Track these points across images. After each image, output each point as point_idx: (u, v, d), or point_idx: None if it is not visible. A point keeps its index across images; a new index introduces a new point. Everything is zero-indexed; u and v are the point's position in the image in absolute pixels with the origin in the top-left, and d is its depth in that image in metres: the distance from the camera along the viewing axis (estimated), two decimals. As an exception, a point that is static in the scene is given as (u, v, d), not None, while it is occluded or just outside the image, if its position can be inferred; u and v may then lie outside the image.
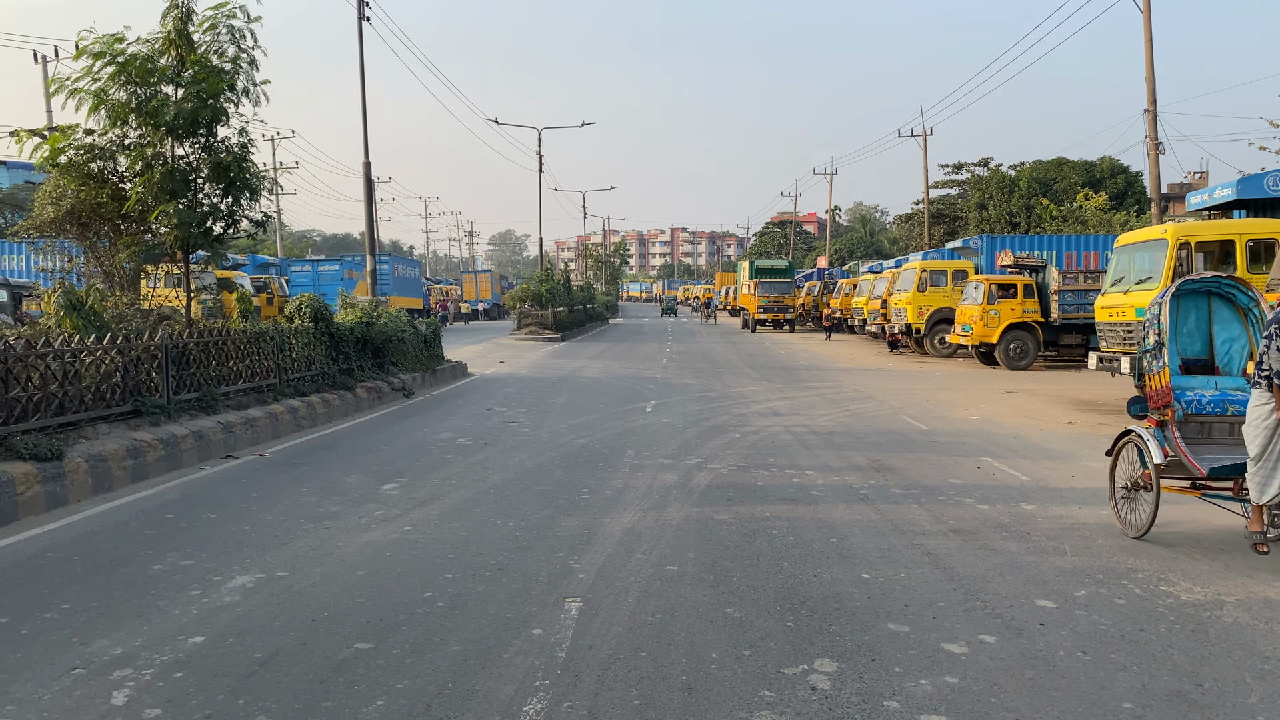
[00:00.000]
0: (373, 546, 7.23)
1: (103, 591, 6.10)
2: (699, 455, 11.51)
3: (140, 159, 11.77)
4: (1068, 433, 13.93)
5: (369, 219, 22.31)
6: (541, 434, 13.43)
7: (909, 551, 7.12)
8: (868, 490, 9.45)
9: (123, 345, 10.42)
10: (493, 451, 11.88)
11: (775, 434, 13.39)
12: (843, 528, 7.84)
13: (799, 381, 21.89)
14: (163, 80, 11.58)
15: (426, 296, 52.11)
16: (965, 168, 69.15)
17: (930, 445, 12.47)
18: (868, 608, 5.77)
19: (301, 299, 15.52)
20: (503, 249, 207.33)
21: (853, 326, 44.48)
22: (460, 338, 40.33)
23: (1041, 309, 26.51)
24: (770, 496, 9.09)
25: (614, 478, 10.09)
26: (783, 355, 31.47)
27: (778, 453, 11.74)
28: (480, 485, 9.70)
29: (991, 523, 8.08)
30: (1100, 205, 48.32)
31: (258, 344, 13.46)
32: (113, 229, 12.86)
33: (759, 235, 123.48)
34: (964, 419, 15.39)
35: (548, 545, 7.26)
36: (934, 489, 9.55)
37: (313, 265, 41.23)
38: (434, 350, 21.81)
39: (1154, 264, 15.98)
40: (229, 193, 12.40)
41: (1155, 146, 34.57)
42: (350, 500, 8.93)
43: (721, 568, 6.63)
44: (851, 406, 17.00)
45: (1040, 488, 9.71)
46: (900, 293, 33.00)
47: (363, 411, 15.96)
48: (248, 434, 12.08)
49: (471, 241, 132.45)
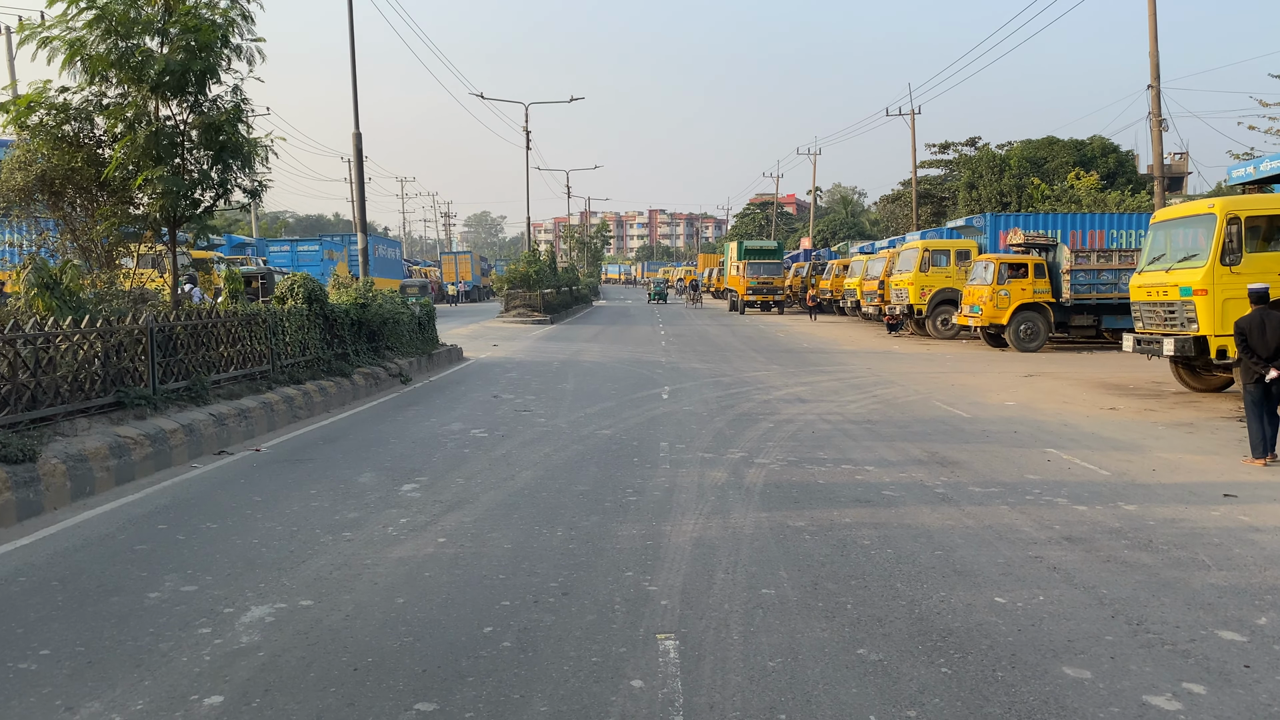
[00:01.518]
0: (407, 565, 6.19)
1: (90, 630, 5.03)
2: (740, 448, 10.53)
3: (121, 120, 10.51)
4: (1117, 420, 13.09)
5: (359, 194, 21.06)
6: (560, 424, 12.40)
7: (1031, 566, 6.17)
8: (944, 489, 8.50)
9: (104, 329, 9.26)
10: (513, 445, 10.83)
11: (811, 423, 12.43)
12: (940, 536, 6.88)
13: (810, 365, 20.96)
14: (147, 31, 10.33)
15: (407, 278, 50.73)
16: (952, 147, 68.38)
17: (982, 435, 11.57)
18: (1025, 644, 4.80)
19: (294, 278, 14.33)
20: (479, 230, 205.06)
21: (843, 308, 43.69)
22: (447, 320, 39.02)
23: (1052, 289, 25.72)
24: (840, 498, 8.12)
25: (656, 475, 9.08)
26: (781, 338, 30.54)
27: (824, 445, 10.77)
28: (511, 485, 8.66)
29: (1102, 528, 7.15)
30: (1092, 184, 47.67)
31: (249, 327, 12.30)
32: (89, 198, 11.58)
33: (739, 216, 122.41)
34: (1001, 405, 14.52)
35: (610, 561, 6.24)
36: (1015, 486, 8.63)
37: (291, 245, 39.82)
38: (429, 334, 20.67)
39: (1200, 240, 15.09)
40: (220, 158, 11.15)
41: (1159, 123, 33.86)
42: (369, 505, 7.86)
43: (826, 590, 5.64)
44: (877, 392, 16.08)
45: (1128, 484, 8.82)
46: (901, 273, 32.13)
47: (361, 400, 14.83)
48: (241, 426, 10.96)
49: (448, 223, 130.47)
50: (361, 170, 20.96)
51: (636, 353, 24.28)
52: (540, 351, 24.84)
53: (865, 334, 32.82)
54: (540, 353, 24.41)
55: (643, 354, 23.83)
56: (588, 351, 24.87)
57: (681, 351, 24.55)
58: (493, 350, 25.09)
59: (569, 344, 27.57)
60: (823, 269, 49.97)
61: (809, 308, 47.06)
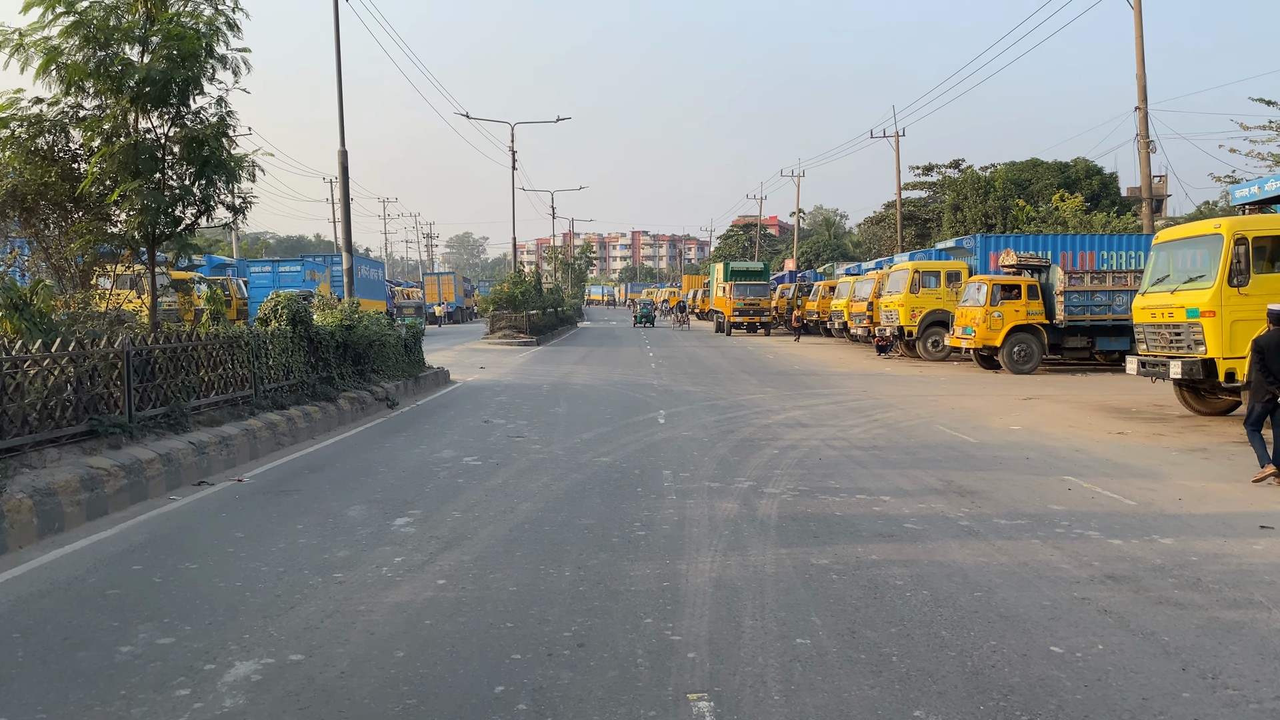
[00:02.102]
0: (405, 611, 5.68)
1: (54, 692, 4.50)
2: (746, 476, 10.07)
3: (98, 132, 9.97)
4: (1128, 444, 12.75)
5: (344, 213, 20.53)
6: (556, 451, 11.91)
7: (1079, 609, 5.73)
8: (968, 521, 8.07)
9: (76, 353, 8.71)
10: (509, 474, 10.33)
11: (816, 449, 11.99)
12: (975, 574, 6.44)
13: (805, 388, 20.57)
14: (127, 39, 9.83)
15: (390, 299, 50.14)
16: (936, 169, 68.56)
17: (994, 462, 11.17)
18: (1097, 704, 4.35)
19: (278, 298, 13.80)
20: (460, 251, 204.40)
21: (830, 329, 43.44)
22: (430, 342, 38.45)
23: (1046, 310, 25.50)
24: (861, 532, 7.67)
25: (663, 506, 8.60)
26: (771, 360, 30.16)
27: (833, 473, 10.33)
28: (510, 519, 8.16)
29: (1144, 565, 6.73)
30: (1077, 206, 47.75)
31: (231, 350, 11.76)
32: (63, 215, 11.02)
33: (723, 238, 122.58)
34: (1006, 429, 14.15)
35: (626, 606, 5.76)
36: (1041, 518, 8.21)
37: (273, 266, 39.17)
38: (415, 356, 20.15)
39: (1206, 260, 14.83)
40: (203, 173, 10.61)
41: (1146, 145, 33.91)
42: (360, 542, 7.34)
43: (866, 640, 5.18)
44: (877, 415, 15.69)
45: (1157, 515, 8.42)
46: (891, 294, 31.87)
47: (347, 425, 14.28)
48: (223, 455, 10.41)
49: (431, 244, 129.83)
50: (347, 188, 20.47)
51: (627, 375, 23.82)
52: (529, 374, 24.34)
53: (855, 356, 32.50)
54: (529, 375, 23.91)
55: (634, 376, 23.37)
56: (577, 374, 24.39)
57: (673, 374, 24.11)
58: (480, 373, 24.57)
59: (557, 366, 27.08)
60: (809, 290, 49.76)
61: (794, 329, 46.82)
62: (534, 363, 28.57)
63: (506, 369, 26.04)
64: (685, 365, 27.44)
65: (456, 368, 24.85)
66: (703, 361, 29.11)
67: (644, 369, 25.88)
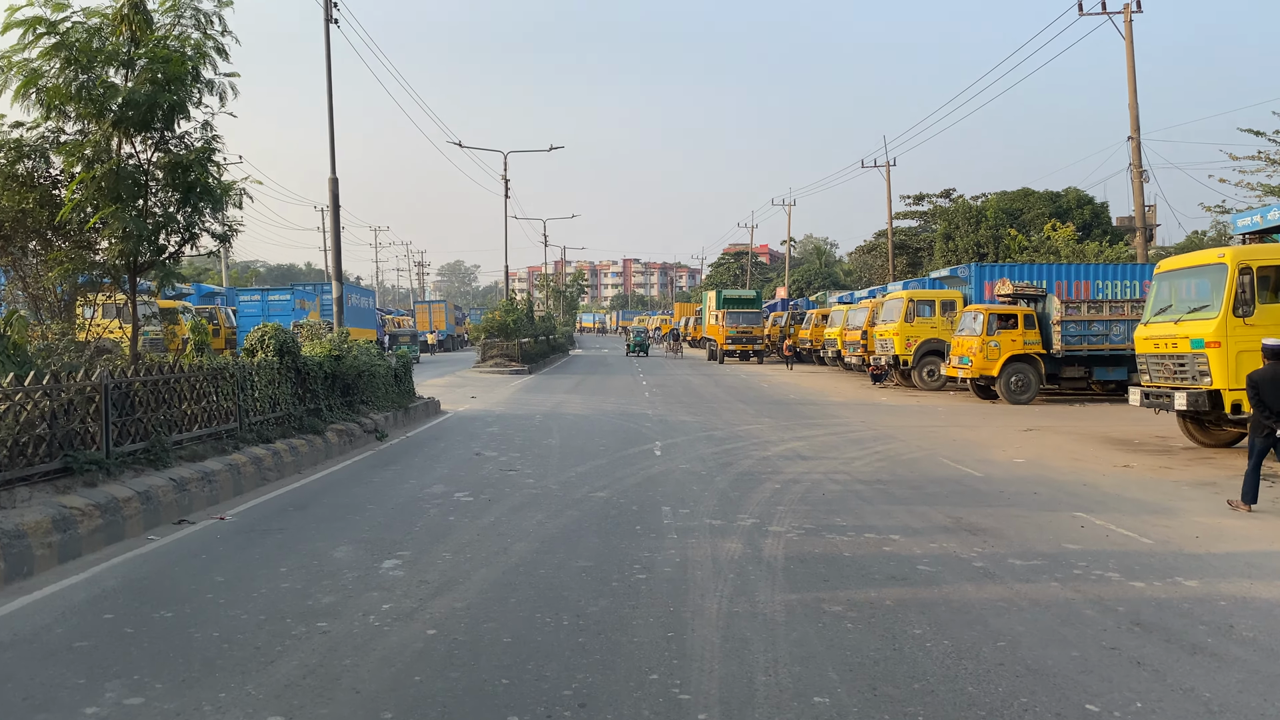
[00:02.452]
0: (393, 665, 5.31)
1: (9, 762, 4.12)
2: (749, 513, 9.73)
3: (79, 158, 9.64)
4: (1136, 478, 12.47)
5: (335, 241, 20.21)
6: (550, 485, 11.55)
7: (1110, 661, 5.40)
8: (982, 562, 7.74)
9: (50, 386, 8.34)
10: (501, 510, 9.97)
11: (818, 483, 11.66)
12: (996, 622, 6.11)
13: (802, 418, 20.26)
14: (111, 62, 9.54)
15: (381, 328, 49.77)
16: (927, 199, 68.77)
17: (1001, 497, 10.86)
18: (1145, 773, 4.01)
19: (264, 328, 13.44)
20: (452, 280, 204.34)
21: (823, 358, 43.24)
22: (422, 370, 38.10)
23: (1043, 340, 25.29)
24: (873, 574, 7.33)
25: (664, 546, 8.25)
26: (766, 389, 29.87)
27: (838, 509, 10.00)
28: (503, 561, 7.80)
29: (1172, 609, 6.41)
30: (1069, 235, 47.79)
31: (215, 382, 11.39)
32: (42, 243, 10.68)
33: (714, 266, 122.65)
34: (1010, 462, 13.86)
35: (629, 660, 5.40)
36: (1057, 558, 7.89)
37: (262, 295, 38.71)
38: (405, 386, 19.78)
39: (1209, 290, 14.63)
40: (188, 200, 10.29)
41: (1139, 174, 33.94)
42: (346, 586, 6.97)
43: (888, 698, 4.84)
44: (878, 448, 15.38)
45: (1176, 554, 8.12)
46: (885, 323, 31.68)
47: (334, 459, 13.89)
48: (205, 491, 10.02)
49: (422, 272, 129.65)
50: (337, 216, 20.17)
51: (621, 405, 23.48)
52: (521, 403, 23.98)
53: (850, 385, 32.24)
54: (521, 405, 23.56)
55: (627, 406, 23.04)
56: (570, 403, 24.04)
57: (667, 403, 23.79)
58: (471, 402, 24.20)
59: (550, 395, 26.73)
60: (801, 319, 49.61)
61: (786, 357, 46.59)
62: (526, 392, 28.21)
63: (498, 398, 25.68)
64: (679, 394, 27.13)
65: (447, 397, 24.48)
66: (697, 390, 28.80)
67: (638, 398, 25.56)
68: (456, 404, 23.36)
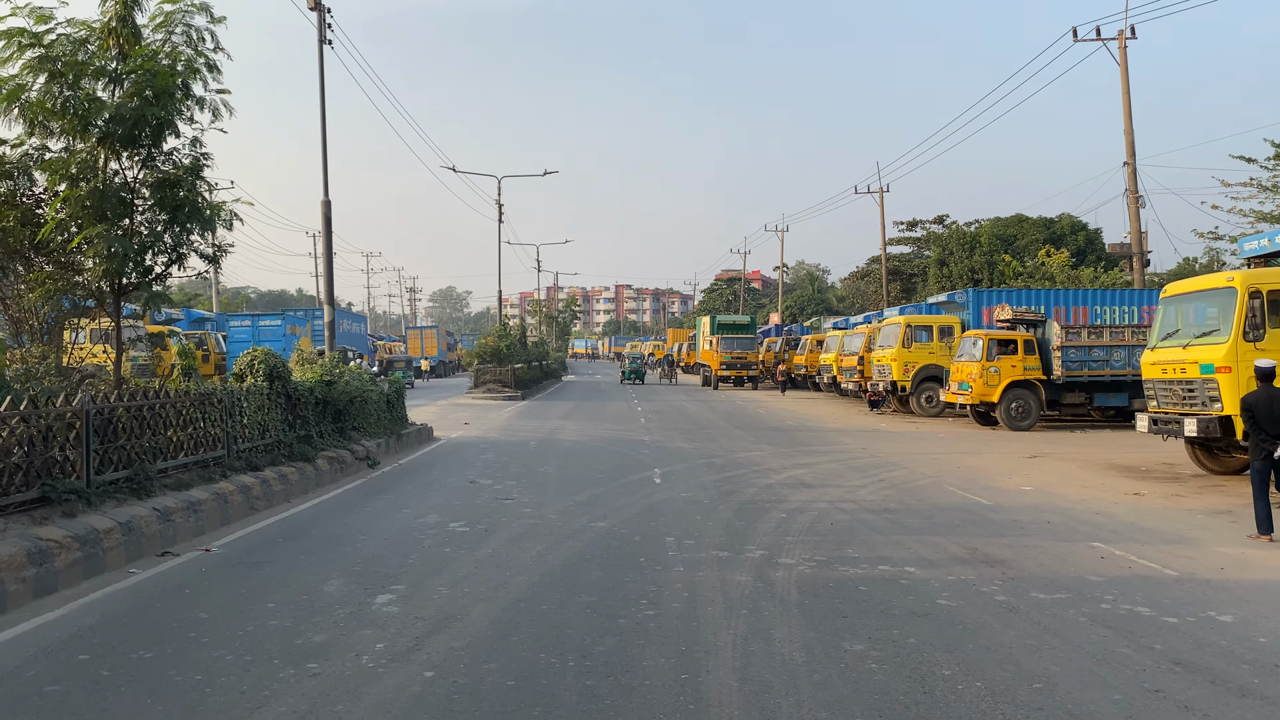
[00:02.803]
0: (388, 712, 4.94)
1: (-35, 827, 3.73)
2: (756, 544, 9.38)
3: (62, 175, 9.29)
4: (1148, 506, 12.17)
5: (327, 265, 19.89)
6: (548, 514, 11.19)
7: (1157, 705, 5.06)
8: (1004, 595, 7.40)
9: (28, 412, 7.97)
10: (498, 541, 9.59)
11: (825, 512, 11.32)
12: (1029, 662, 5.76)
13: (802, 445, 19.93)
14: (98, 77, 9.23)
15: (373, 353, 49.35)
16: (920, 224, 68.87)
17: (1015, 526, 10.54)
18: (1216, 836, 3.67)
19: (254, 353, 13.08)
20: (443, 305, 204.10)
21: (818, 384, 42.95)
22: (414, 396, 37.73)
23: (1043, 366, 25.05)
24: (893, 609, 6.98)
25: (669, 579, 7.89)
26: (763, 415, 29.55)
27: (848, 540, 9.65)
28: (503, 596, 7.42)
29: (1211, 647, 6.08)
30: (1064, 261, 47.77)
31: (202, 408, 11.02)
32: (24, 263, 10.31)
33: (707, 292, 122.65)
34: (1019, 490, 13.55)
35: (642, 706, 5.04)
36: (1081, 591, 7.56)
37: (253, 320, 38.34)
38: (397, 412, 19.41)
39: (1218, 314, 14.40)
40: (176, 219, 9.94)
41: (1136, 200, 33.88)
42: (337, 624, 6.59)
43: (925, 748, 4.48)
44: (882, 475, 15.05)
45: (1204, 586, 7.80)
46: (883, 349, 31.42)
47: (325, 487, 13.49)
48: (190, 521, 9.62)
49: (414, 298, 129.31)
50: (330, 239, 19.86)
51: (616, 431, 23.13)
52: (515, 430, 23.60)
53: (847, 411, 31.96)
54: (515, 431, 23.18)
55: (623, 432, 22.68)
56: (565, 430, 23.67)
57: (664, 429, 23.43)
58: (464, 429, 23.80)
59: (544, 421, 26.36)
60: (797, 344, 49.39)
61: (780, 382, 46.28)
62: (520, 418, 27.84)
63: (492, 424, 25.30)
64: (676, 420, 26.79)
65: (440, 423, 24.10)
66: (693, 416, 28.46)
67: (633, 424, 25.20)
68: (449, 430, 22.97)
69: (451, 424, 24.89)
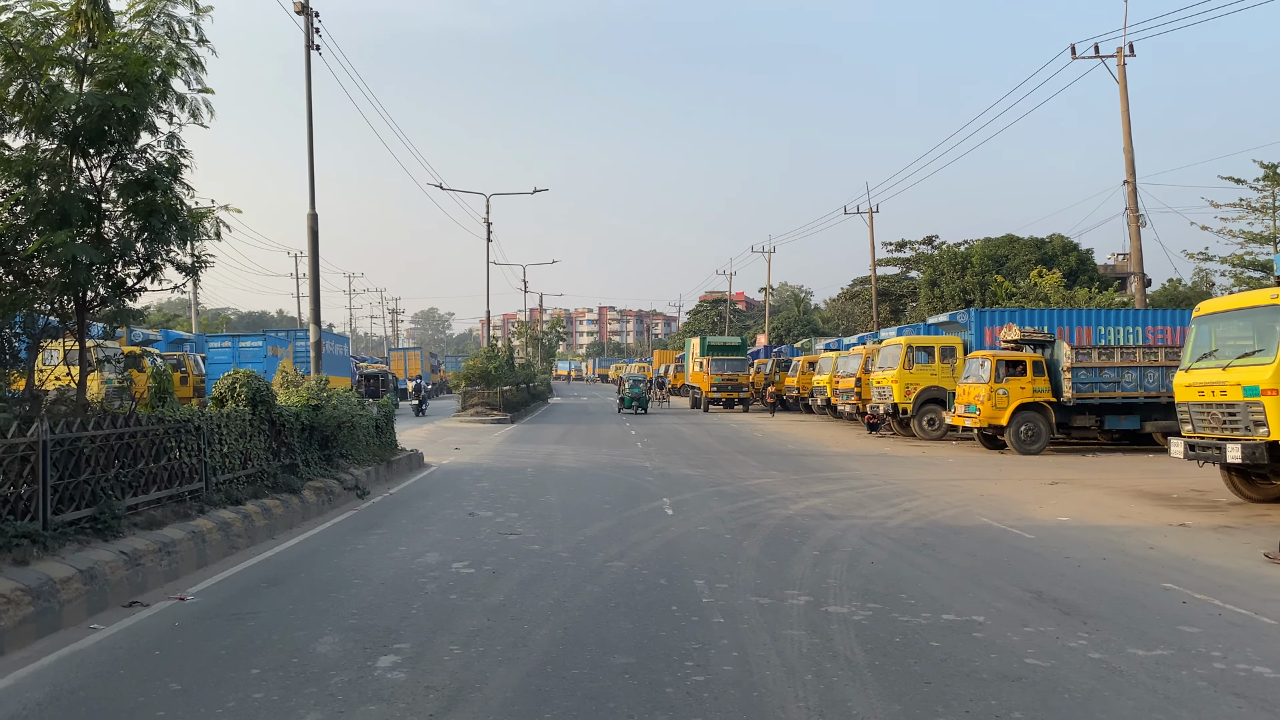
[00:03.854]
0: (407, 827, 3.94)
1: None
2: (797, 587, 8.43)
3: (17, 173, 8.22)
4: (1200, 539, 11.37)
5: (313, 281, 18.87)
6: (559, 552, 10.20)
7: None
8: (1098, 653, 6.47)
9: (-26, 445, 6.94)
10: (510, 586, 8.59)
11: (860, 549, 10.39)
12: (1167, 745, 4.83)
13: (809, 470, 19.02)
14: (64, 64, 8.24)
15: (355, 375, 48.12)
16: (909, 245, 68.46)
17: (1070, 564, 9.67)
18: None
19: (236, 375, 12.04)
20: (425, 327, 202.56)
21: (810, 406, 42.09)
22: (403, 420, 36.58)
23: (1052, 388, 24.28)
24: (979, 672, 6.03)
25: (711, 634, 6.93)
26: (760, 439, 28.64)
27: (896, 582, 8.71)
28: (525, 656, 6.43)
29: (1370, 724, 5.17)
30: (1057, 282, 47.30)
31: (178, 436, 9.98)
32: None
33: (692, 313, 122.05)
34: (1055, 520, 12.70)
35: (720, 810, 4.06)
36: (1183, 647, 6.66)
37: (233, 341, 37.07)
38: (386, 437, 18.36)
39: (1260, 333, 13.63)
40: (149, 227, 8.90)
41: (1136, 219, 33.34)
42: (334, 696, 5.57)
43: None
44: (905, 504, 14.15)
45: (1316, 640, 6.90)
46: (883, 370, 30.60)
47: (312, 520, 12.43)
48: (163, 565, 8.57)
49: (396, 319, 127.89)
50: (316, 254, 18.85)
51: (614, 456, 22.14)
52: (509, 455, 22.56)
53: (846, 434, 31.10)
54: (509, 457, 22.14)
55: (621, 458, 21.69)
56: (560, 455, 22.65)
57: (663, 454, 22.46)
58: (455, 454, 22.75)
59: (538, 446, 25.33)
60: (787, 366, 48.61)
61: (770, 404, 45.33)
62: (511, 442, 26.79)
63: (484, 449, 24.25)
64: (673, 444, 25.82)
65: (431, 448, 23.04)
66: (690, 440, 27.50)
67: (631, 449, 24.22)
68: (440, 456, 21.91)
69: (442, 449, 23.83)
